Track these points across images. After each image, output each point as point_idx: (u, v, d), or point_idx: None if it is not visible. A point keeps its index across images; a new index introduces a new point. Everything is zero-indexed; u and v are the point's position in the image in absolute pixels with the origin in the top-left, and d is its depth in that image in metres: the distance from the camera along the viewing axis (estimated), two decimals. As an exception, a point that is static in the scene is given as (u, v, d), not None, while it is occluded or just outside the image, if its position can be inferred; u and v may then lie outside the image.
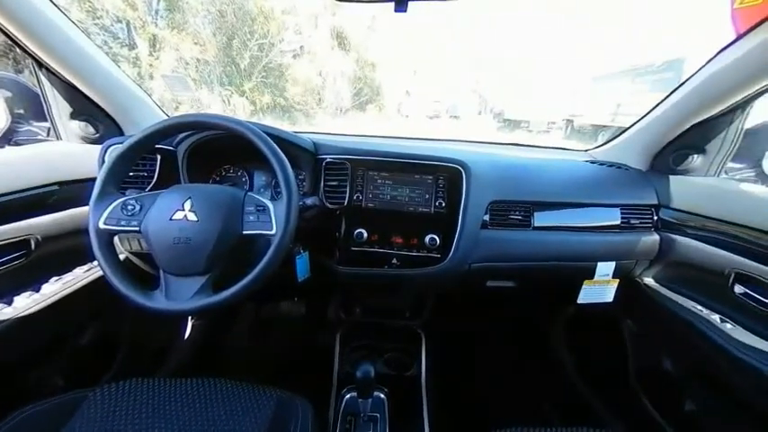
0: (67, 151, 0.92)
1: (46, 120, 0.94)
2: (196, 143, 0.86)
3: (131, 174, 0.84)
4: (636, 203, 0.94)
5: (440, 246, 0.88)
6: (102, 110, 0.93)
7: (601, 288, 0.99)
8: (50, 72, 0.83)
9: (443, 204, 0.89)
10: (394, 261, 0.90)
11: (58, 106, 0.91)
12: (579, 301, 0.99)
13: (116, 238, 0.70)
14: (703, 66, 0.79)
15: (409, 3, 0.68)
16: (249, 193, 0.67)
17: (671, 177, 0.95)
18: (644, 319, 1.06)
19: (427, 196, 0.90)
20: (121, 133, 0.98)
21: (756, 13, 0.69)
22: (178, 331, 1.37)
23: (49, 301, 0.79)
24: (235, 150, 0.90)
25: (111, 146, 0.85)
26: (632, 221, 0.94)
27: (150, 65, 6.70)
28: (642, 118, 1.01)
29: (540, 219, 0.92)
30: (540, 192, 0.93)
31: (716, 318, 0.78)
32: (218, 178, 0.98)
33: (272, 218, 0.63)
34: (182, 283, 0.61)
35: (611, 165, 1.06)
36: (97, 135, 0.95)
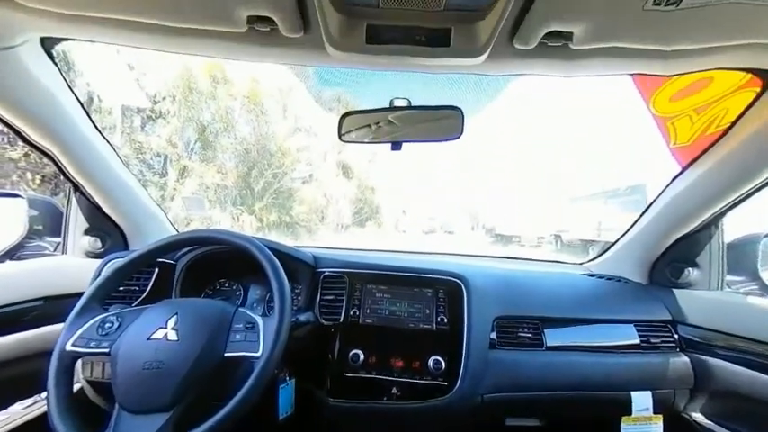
0: (67, 265, 0.93)
1: (60, 235, 0.98)
2: (197, 257, 0.87)
3: (121, 288, 0.81)
4: (649, 319, 0.89)
5: (446, 371, 0.77)
6: (116, 225, 0.98)
7: (645, 428, 0.82)
8: (83, 194, 0.92)
9: (445, 320, 0.84)
10: (394, 390, 0.77)
11: (77, 223, 0.97)
12: (624, 447, 0.81)
13: (78, 363, 0.62)
14: (664, 190, 0.90)
15: (403, 144, 0.83)
16: (240, 309, 0.64)
17: (676, 291, 0.93)
18: None
19: (428, 311, 0.85)
20: (126, 247, 1.01)
21: (690, 151, 0.83)
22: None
23: None
24: (233, 264, 0.91)
25: (111, 260, 0.86)
26: (652, 340, 0.86)
27: (174, 188, 7.54)
28: (626, 232, 1.07)
29: (552, 337, 0.85)
30: (547, 306, 0.90)
31: None
32: (210, 292, 0.95)
33: (260, 337, 0.58)
34: (136, 423, 0.51)
35: (609, 278, 1.06)
36: (102, 249, 0.97)
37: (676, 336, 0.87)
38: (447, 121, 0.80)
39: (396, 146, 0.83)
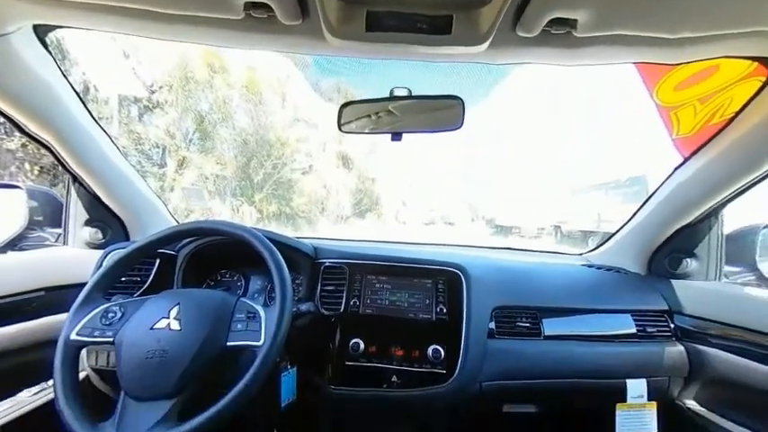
0: (68, 256, 0.93)
1: (60, 226, 0.99)
2: (198, 248, 0.87)
3: (123, 278, 0.82)
4: (646, 309, 0.90)
5: (445, 359, 0.79)
6: (117, 217, 0.98)
7: (639, 415, 0.84)
8: (82, 185, 0.91)
9: (445, 311, 0.84)
10: (394, 378, 0.79)
11: (77, 214, 0.97)
12: (618, 432, 0.83)
13: (83, 352, 0.63)
14: (664, 181, 0.90)
15: (403, 134, 0.82)
16: (242, 299, 0.64)
17: (674, 282, 0.94)
18: None
19: (427, 301, 0.86)
20: (127, 238, 1.01)
21: (693, 142, 0.82)
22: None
23: None
24: (234, 255, 0.91)
25: (112, 251, 0.86)
26: (648, 329, 0.88)
27: (174, 179, 7.51)
28: (626, 224, 1.07)
29: (550, 326, 0.86)
30: (545, 297, 0.90)
31: None
32: (212, 283, 0.96)
33: (261, 326, 0.59)
34: (142, 410, 0.52)
35: (608, 268, 1.07)
36: (103, 240, 0.98)
37: (672, 325, 0.89)
38: (447, 111, 0.79)
39: (396, 136, 0.82)
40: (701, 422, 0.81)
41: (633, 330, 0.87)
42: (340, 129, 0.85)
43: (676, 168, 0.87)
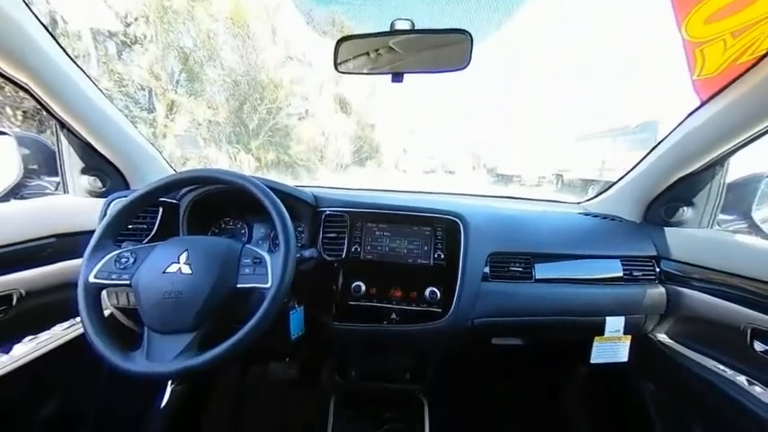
0: (71, 204, 0.94)
1: (57, 175, 0.98)
2: (199, 196, 0.88)
3: (130, 226, 0.84)
4: (635, 255, 0.94)
5: (440, 300, 0.84)
6: (113, 165, 0.97)
7: (613, 346, 0.94)
8: (71, 132, 0.88)
9: (442, 256, 0.88)
10: (393, 316, 0.86)
11: (71, 162, 0.95)
12: (593, 360, 0.93)
13: (104, 293, 0.68)
14: (675, 128, 0.86)
15: (405, 75, 0.76)
16: (247, 246, 0.67)
17: (666, 229, 0.96)
18: (663, 379, 0.98)
19: (426, 248, 0.90)
20: (127, 187, 1.01)
21: (714, 84, 0.77)
22: (154, 398, 1.24)
23: (18, 364, 0.73)
24: (236, 203, 0.92)
25: (115, 199, 0.87)
26: (635, 273, 0.92)
27: (165, 125, 7.21)
28: (628, 172, 1.06)
29: (542, 271, 0.91)
30: (540, 243, 0.94)
31: (742, 379, 0.72)
32: (216, 230, 0.99)
33: (268, 270, 0.62)
34: (165, 342, 0.57)
35: (605, 217, 1.08)
36: (103, 189, 0.98)
37: (658, 270, 0.93)
38: (454, 48, 0.73)
39: (397, 77, 0.77)
40: (668, 352, 0.91)
41: (620, 274, 0.92)
42: (336, 68, 0.79)
43: (690, 114, 0.83)
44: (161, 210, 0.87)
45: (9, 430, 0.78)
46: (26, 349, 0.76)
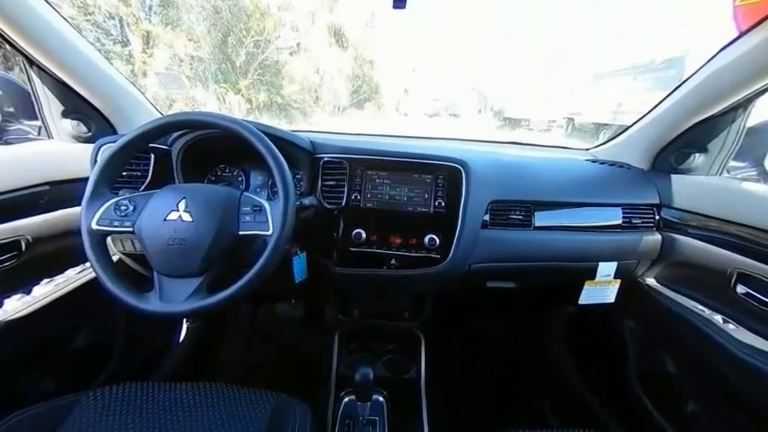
0: (59, 150, 0.92)
1: (37, 118, 0.94)
2: (191, 142, 0.85)
3: (124, 173, 0.83)
4: (637, 203, 0.95)
5: (439, 246, 0.88)
6: (95, 108, 0.92)
7: (602, 288, 1.00)
8: (41, 70, 0.82)
9: (443, 204, 0.89)
10: (393, 262, 0.90)
11: (50, 104, 0.90)
12: (581, 301, 1.00)
13: (109, 239, 0.70)
14: (705, 64, 0.80)
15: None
16: (245, 193, 0.67)
17: (673, 176, 0.96)
18: (645, 319, 1.06)
19: (426, 196, 0.90)
20: (114, 132, 0.97)
21: (758, 11, 0.69)
22: (172, 335, 1.36)
23: (41, 304, 0.79)
24: (231, 150, 0.90)
25: (103, 145, 0.84)
26: (634, 221, 0.94)
27: (144, 62, 6.67)
28: (644, 116, 1.01)
29: (541, 218, 0.92)
30: (541, 191, 0.94)
31: (718, 318, 0.79)
32: (213, 178, 0.98)
33: (268, 218, 0.63)
34: (176, 284, 0.61)
35: (612, 164, 1.07)
36: (89, 134, 0.94)
37: (657, 217, 0.95)
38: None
39: (399, 1, 0.68)
40: (652, 294, 0.97)
41: (619, 222, 0.94)
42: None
43: (722, 48, 0.76)
44: (153, 156, 0.85)
45: (43, 363, 0.87)
46: (46, 290, 0.82)
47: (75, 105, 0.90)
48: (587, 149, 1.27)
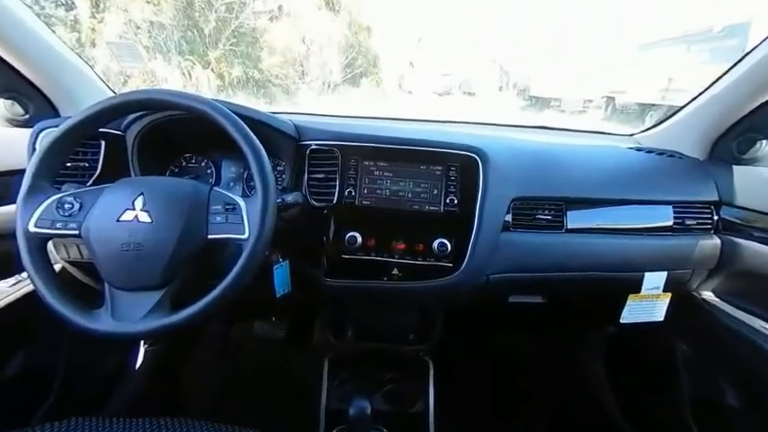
0: (-11, 136, 0.92)
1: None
2: (149, 126, 0.85)
3: (69, 164, 0.83)
4: (692, 200, 0.95)
5: (451, 253, 0.88)
6: (33, 85, 0.92)
7: (649, 304, 1.00)
8: None
9: (456, 201, 0.89)
10: (394, 271, 0.90)
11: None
12: (623, 320, 1.00)
13: (50, 244, 0.70)
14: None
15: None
16: (215, 189, 0.67)
17: (735, 168, 0.96)
18: (701, 341, 1.06)
19: (435, 191, 0.90)
20: (57, 114, 0.97)
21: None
22: (127, 359, 1.36)
23: None
24: (198, 136, 0.90)
25: (43, 129, 0.84)
26: (687, 222, 0.94)
27: (92, 29, 6.67)
28: (699, 95, 1.01)
29: (575, 219, 0.92)
30: (575, 186, 0.94)
31: None
32: (176, 170, 0.98)
33: (243, 219, 0.63)
34: (132, 299, 0.61)
35: (661, 152, 1.07)
36: (27, 116, 0.95)
37: (716, 217, 0.95)
38: None
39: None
40: (710, 310, 0.97)
41: (669, 223, 0.94)
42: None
43: None
44: (103, 144, 0.85)
45: None
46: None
47: (8, 81, 0.90)
48: (631, 135, 1.28)
